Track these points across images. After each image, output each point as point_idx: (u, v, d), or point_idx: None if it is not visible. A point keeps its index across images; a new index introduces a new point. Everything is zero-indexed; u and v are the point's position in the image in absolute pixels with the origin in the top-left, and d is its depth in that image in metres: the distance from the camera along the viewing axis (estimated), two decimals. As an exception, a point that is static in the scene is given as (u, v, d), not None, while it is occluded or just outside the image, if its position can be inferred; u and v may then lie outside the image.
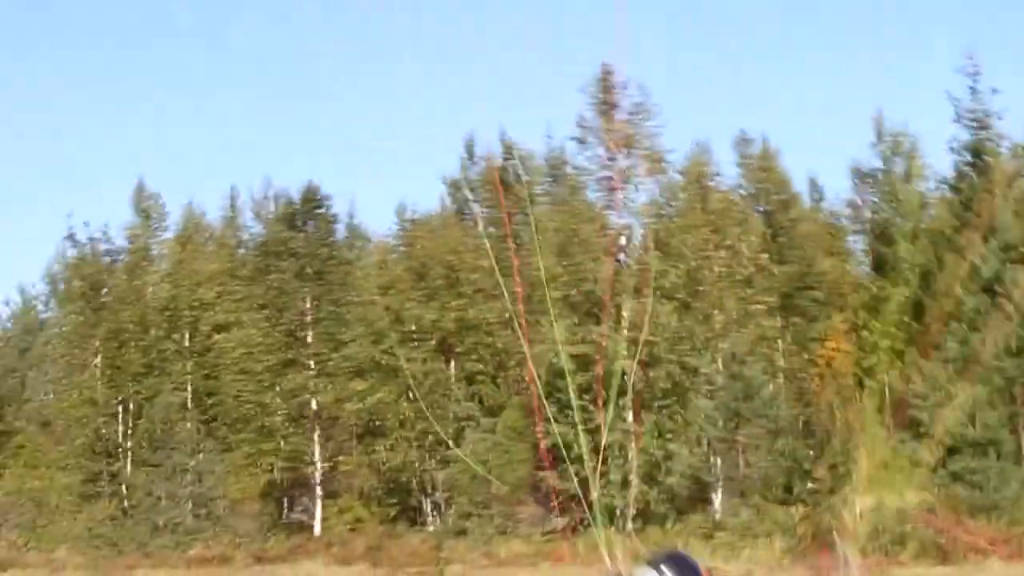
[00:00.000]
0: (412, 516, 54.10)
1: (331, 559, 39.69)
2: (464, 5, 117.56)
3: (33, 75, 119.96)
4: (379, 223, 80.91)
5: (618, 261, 55.17)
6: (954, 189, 57.61)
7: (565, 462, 41.93)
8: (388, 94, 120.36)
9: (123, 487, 57.71)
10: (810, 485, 42.58)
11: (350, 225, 72.45)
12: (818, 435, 45.07)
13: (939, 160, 71.26)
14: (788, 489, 44.36)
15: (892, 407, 57.95)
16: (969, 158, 55.18)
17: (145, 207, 66.77)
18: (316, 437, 56.35)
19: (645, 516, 47.81)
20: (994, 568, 29.61)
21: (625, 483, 48.86)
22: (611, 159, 54.47)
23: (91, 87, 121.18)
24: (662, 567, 8.69)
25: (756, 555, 36.86)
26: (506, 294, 51.98)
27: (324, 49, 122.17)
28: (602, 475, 48.47)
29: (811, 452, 44.21)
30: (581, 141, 55.40)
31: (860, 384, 56.80)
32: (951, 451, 45.52)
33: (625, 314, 51.92)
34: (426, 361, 56.46)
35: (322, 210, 61.12)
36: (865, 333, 60.32)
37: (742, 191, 64.20)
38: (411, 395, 55.96)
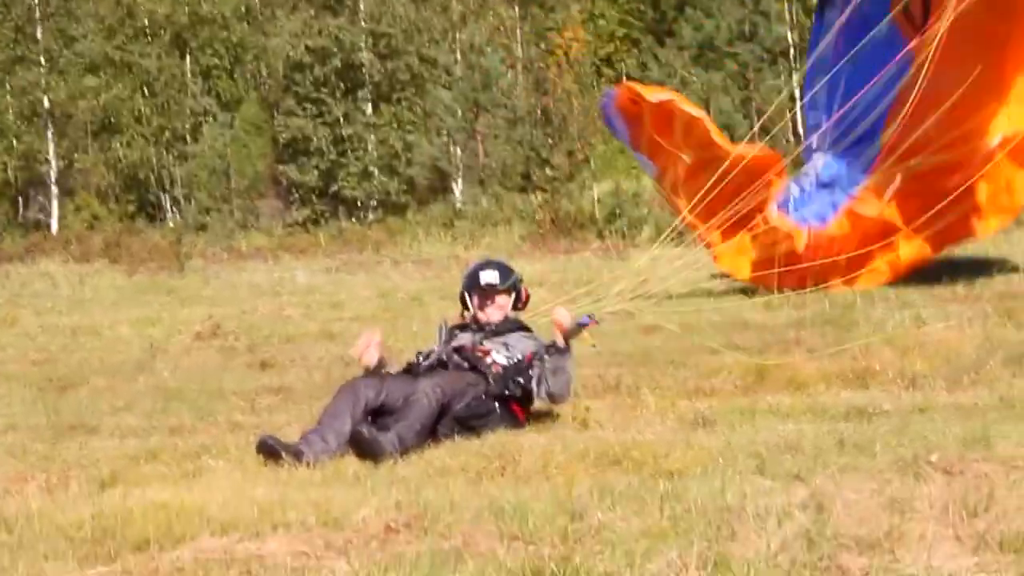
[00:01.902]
0: (151, 213, 53.56)
1: (69, 257, 39.07)
2: None
3: None
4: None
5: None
6: None
7: (305, 155, 42.18)
8: None
9: None
10: (548, 172, 43.29)
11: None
12: (556, 123, 45.63)
13: None
14: (527, 176, 45.09)
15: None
16: None
17: None
18: (50, 135, 54.93)
19: (386, 207, 48.30)
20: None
21: (366, 175, 49.10)
22: None
23: None
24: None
25: (496, 242, 37.51)
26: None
27: None
28: (342, 167, 48.84)
29: (549, 140, 44.82)
30: None
31: (598, 72, 57.60)
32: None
33: (362, 6, 51.29)
34: (160, 56, 55.10)
35: None
36: (602, 22, 60.92)
37: None
38: (146, 91, 54.81)
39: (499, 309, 9.45)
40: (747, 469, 6.69)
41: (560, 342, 8.86)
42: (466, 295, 9.58)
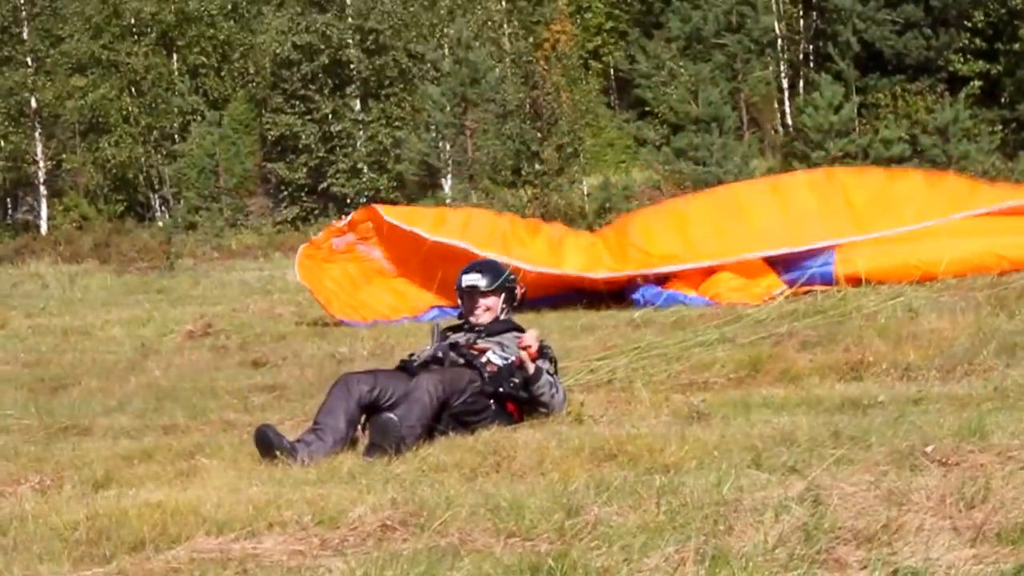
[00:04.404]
0: (140, 212, 53.53)
1: (58, 257, 39.04)
2: None
3: None
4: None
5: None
6: None
7: (293, 152, 42.15)
8: None
9: None
10: (538, 167, 43.23)
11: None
12: (545, 117, 45.56)
13: None
14: (516, 171, 45.02)
15: (617, 87, 59.07)
16: None
17: None
18: (38, 136, 54.86)
19: (376, 204, 48.28)
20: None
21: (355, 171, 49.06)
22: None
23: None
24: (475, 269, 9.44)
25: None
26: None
27: None
28: (330, 164, 48.82)
29: (538, 134, 44.76)
30: None
31: (585, 66, 57.59)
32: (675, 128, 46.72)
33: (349, 1, 51.22)
34: (148, 55, 55.06)
35: None
36: (589, 15, 60.90)
37: None
38: (133, 90, 54.76)
39: (487, 311, 9.30)
40: (743, 462, 6.68)
41: (529, 368, 8.75)
42: (458, 297, 9.55)
